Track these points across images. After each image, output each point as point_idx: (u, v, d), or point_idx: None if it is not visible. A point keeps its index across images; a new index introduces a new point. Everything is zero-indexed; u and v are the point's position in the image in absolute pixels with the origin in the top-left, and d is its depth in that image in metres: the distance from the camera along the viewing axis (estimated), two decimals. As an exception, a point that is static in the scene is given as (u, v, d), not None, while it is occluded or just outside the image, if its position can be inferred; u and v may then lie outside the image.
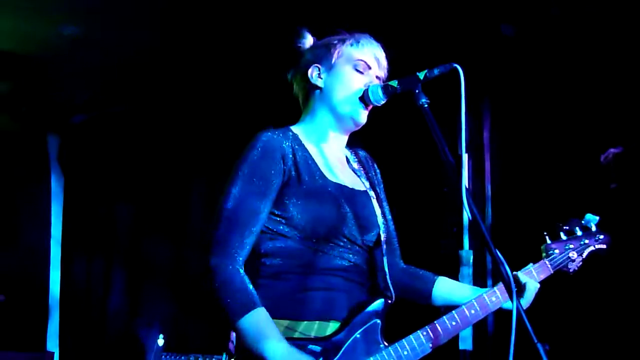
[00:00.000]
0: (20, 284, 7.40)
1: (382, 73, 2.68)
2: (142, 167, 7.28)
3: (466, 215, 2.25)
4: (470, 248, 5.11)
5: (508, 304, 2.63)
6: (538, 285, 2.76)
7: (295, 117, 2.74)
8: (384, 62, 2.69)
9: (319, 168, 2.55)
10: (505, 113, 5.29)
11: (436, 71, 2.39)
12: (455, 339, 5.00)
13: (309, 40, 2.74)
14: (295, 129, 2.64)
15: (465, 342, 5.02)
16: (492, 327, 5.01)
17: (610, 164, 4.42)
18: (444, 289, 2.81)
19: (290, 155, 2.49)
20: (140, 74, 6.49)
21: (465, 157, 5.12)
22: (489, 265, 5.04)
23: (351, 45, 2.65)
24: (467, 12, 5.01)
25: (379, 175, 2.87)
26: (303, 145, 2.57)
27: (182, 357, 5.50)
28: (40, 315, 7.42)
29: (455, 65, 2.33)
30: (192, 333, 6.40)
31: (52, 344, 7.37)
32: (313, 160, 2.55)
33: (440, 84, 2.43)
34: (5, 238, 7.45)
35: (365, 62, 2.64)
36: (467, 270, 5.07)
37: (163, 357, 5.64)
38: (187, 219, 6.82)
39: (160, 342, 5.86)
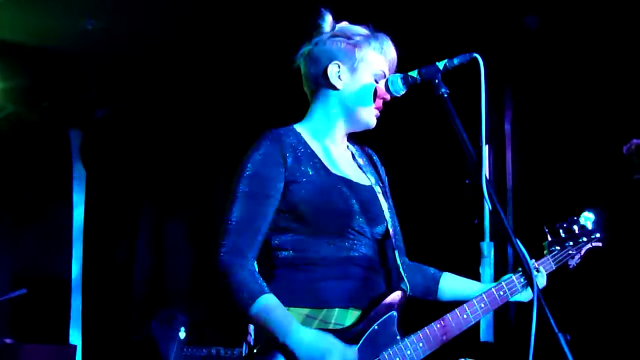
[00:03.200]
0: (42, 278, 7.46)
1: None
2: (164, 160, 7.31)
3: (487, 207, 2.24)
4: (491, 239, 5.10)
5: (515, 297, 2.73)
6: (545, 283, 2.82)
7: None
8: (395, 66, 2.68)
9: (324, 163, 2.55)
10: (526, 104, 5.27)
11: (456, 61, 2.37)
12: (477, 331, 5.00)
13: (328, 23, 2.67)
14: (299, 126, 2.63)
15: (487, 334, 5.02)
16: (514, 318, 5.00)
17: (633, 154, 4.38)
18: (450, 284, 2.84)
19: (293, 153, 2.50)
20: (163, 68, 6.52)
21: (485, 148, 5.11)
22: (510, 257, 5.02)
23: (374, 49, 2.62)
24: (490, 2, 4.99)
25: (383, 172, 2.87)
26: (306, 143, 2.57)
27: (204, 350, 5.52)
28: (63, 308, 7.48)
29: (475, 55, 2.32)
30: (214, 325, 6.42)
31: (75, 337, 7.43)
32: (316, 156, 2.55)
33: (461, 74, 2.42)
34: (27, 233, 7.50)
35: (383, 72, 2.62)
36: (488, 262, 5.06)
37: (185, 349, 5.67)
38: (211, 212, 6.84)
39: (182, 334, 5.88)
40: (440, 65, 2.40)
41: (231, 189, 2.47)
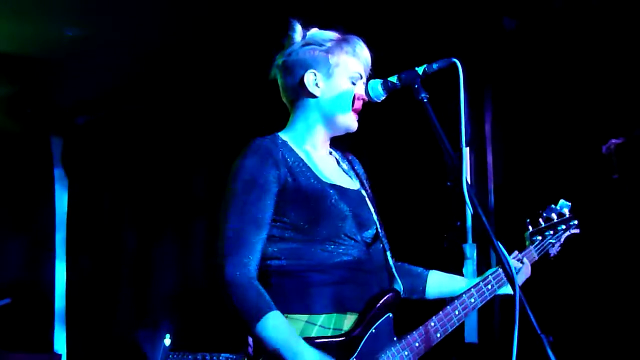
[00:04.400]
0: (26, 286, 7.43)
1: (367, 75, 2.70)
2: (146, 167, 7.30)
3: (469, 210, 2.27)
4: (473, 242, 5.12)
5: (501, 290, 2.80)
6: (529, 274, 2.91)
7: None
8: (370, 65, 2.71)
9: (313, 171, 2.56)
10: (507, 106, 5.29)
11: (435, 66, 2.41)
12: (461, 332, 5.02)
13: (299, 32, 2.70)
14: (283, 135, 2.64)
15: (471, 336, 5.03)
16: (498, 320, 5.01)
17: (612, 154, 4.43)
18: (437, 282, 2.89)
19: (283, 161, 2.50)
20: (144, 75, 6.51)
21: (466, 151, 5.13)
22: (492, 258, 5.04)
23: (347, 53, 2.65)
24: (469, 4, 5.02)
25: (365, 177, 2.89)
26: (293, 151, 2.58)
27: (189, 356, 5.51)
28: (47, 316, 7.45)
29: (454, 59, 2.35)
30: (200, 331, 6.42)
31: (60, 346, 7.40)
32: (305, 164, 2.56)
33: (442, 77, 2.44)
34: (10, 241, 7.47)
35: (359, 74, 2.66)
36: (470, 264, 5.08)
37: (170, 356, 5.65)
38: (193, 217, 6.84)
39: (167, 341, 5.87)
40: (420, 70, 2.43)
41: (226, 198, 2.45)
